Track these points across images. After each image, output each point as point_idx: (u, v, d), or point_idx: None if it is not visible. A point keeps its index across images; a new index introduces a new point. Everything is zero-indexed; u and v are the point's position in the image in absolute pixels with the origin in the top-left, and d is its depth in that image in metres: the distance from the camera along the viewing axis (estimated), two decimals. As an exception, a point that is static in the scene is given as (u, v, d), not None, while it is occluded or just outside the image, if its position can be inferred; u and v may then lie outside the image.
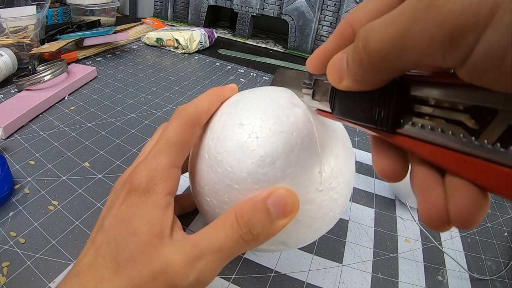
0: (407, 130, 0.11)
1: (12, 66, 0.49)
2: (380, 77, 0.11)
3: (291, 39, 0.79)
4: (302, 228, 0.20)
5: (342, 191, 0.21)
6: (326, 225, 0.22)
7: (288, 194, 0.17)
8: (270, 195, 0.17)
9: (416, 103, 0.11)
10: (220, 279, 0.25)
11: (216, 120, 0.21)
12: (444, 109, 0.10)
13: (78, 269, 0.16)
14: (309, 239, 0.22)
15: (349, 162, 0.21)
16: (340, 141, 0.21)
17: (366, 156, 0.44)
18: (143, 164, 0.17)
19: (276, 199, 0.17)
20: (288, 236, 0.20)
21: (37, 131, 0.39)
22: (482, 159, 0.09)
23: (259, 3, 0.78)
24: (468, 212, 0.10)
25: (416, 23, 0.09)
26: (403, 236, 0.32)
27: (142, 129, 0.42)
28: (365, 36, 0.11)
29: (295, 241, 0.21)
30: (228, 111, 0.21)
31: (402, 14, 0.09)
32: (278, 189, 0.17)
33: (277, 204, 0.17)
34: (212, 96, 0.21)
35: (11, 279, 0.23)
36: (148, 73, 0.57)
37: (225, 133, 0.19)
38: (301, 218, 0.19)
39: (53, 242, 0.26)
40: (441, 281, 0.28)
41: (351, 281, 0.27)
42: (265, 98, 0.20)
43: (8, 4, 0.58)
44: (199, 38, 0.70)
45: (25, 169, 0.33)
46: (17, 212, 0.28)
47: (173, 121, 0.19)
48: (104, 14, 0.78)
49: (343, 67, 0.13)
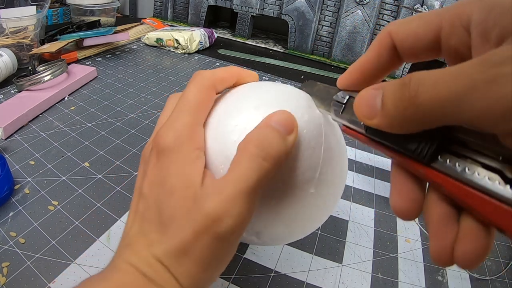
0: (443, 166, 0.12)
1: (12, 66, 0.49)
2: (419, 127, 0.11)
3: (291, 39, 0.79)
4: (280, 223, 0.20)
5: (329, 202, 0.21)
6: (301, 231, 0.22)
7: (285, 113, 0.17)
8: (270, 118, 0.17)
9: (456, 143, 0.12)
10: (220, 279, 0.25)
11: (232, 96, 0.20)
12: (484, 156, 0.11)
13: (128, 240, 0.17)
14: (280, 240, 0.22)
15: (342, 178, 0.22)
16: (341, 156, 0.21)
17: (366, 156, 0.44)
18: (166, 126, 0.18)
19: (277, 118, 0.17)
20: (265, 227, 0.20)
21: (37, 131, 0.39)
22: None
23: (259, 3, 0.78)
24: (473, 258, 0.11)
25: (474, 91, 0.09)
26: (403, 236, 0.32)
27: (142, 129, 0.42)
28: (416, 87, 0.11)
29: (269, 235, 0.20)
30: (245, 90, 0.21)
31: (459, 77, 0.10)
32: (274, 112, 0.17)
33: (281, 122, 0.17)
34: (229, 70, 0.21)
35: (11, 279, 0.23)
36: (148, 73, 0.57)
37: (238, 109, 0.19)
38: (283, 212, 0.19)
39: (53, 242, 0.26)
40: (441, 281, 0.28)
41: (351, 281, 0.27)
42: (285, 92, 0.21)
43: (8, 4, 0.58)
44: (199, 38, 0.70)
45: (25, 169, 0.33)
46: (17, 212, 0.28)
47: (190, 85, 0.19)
48: (104, 14, 0.78)
49: (376, 105, 0.12)
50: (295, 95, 0.20)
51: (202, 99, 0.19)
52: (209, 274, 0.17)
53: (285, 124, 0.17)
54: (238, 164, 0.16)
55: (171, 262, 0.16)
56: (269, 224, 0.20)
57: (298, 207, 0.19)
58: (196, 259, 0.16)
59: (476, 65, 0.09)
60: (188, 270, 0.16)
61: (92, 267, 0.24)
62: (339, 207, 0.34)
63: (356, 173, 0.40)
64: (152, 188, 0.17)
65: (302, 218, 0.20)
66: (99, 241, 0.27)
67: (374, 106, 0.12)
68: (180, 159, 0.17)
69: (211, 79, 0.19)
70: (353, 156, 0.43)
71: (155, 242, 0.16)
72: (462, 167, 0.11)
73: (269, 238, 0.21)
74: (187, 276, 0.16)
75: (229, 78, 0.21)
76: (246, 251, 0.28)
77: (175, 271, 0.16)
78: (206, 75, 0.19)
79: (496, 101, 0.09)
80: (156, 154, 0.17)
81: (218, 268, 0.17)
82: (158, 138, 0.17)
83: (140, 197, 0.18)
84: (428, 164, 0.12)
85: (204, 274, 0.17)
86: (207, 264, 0.16)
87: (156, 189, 0.17)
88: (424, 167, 0.12)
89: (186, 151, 0.17)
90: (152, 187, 0.17)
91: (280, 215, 0.19)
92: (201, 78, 0.19)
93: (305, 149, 0.19)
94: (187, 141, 0.17)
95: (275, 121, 0.17)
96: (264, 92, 0.20)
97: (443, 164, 0.12)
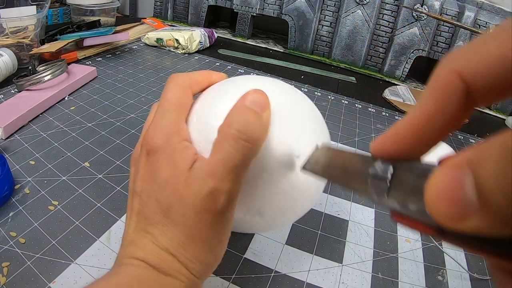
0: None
1: (12, 66, 0.49)
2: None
3: (291, 39, 0.79)
4: (277, 195, 0.20)
5: None
6: (303, 201, 0.22)
7: (257, 91, 0.18)
8: (245, 98, 0.18)
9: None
10: (220, 279, 0.25)
11: (206, 93, 0.22)
12: None
13: (130, 238, 0.18)
14: (285, 213, 0.22)
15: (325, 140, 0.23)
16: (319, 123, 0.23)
17: (366, 156, 0.44)
18: (152, 126, 0.18)
19: (251, 97, 0.18)
20: (264, 203, 0.20)
21: (37, 131, 0.39)
22: None
23: (259, 3, 0.78)
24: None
25: None
26: (403, 236, 0.32)
27: (142, 129, 0.42)
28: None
29: (271, 210, 0.21)
30: (219, 86, 0.22)
31: None
32: (247, 92, 0.18)
33: (255, 101, 0.17)
34: (202, 73, 0.22)
35: (11, 279, 0.23)
36: (148, 73, 0.57)
37: (214, 100, 0.21)
38: (280, 185, 0.20)
39: (53, 242, 0.26)
40: (441, 281, 0.28)
41: (351, 281, 0.27)
42: (263, 80, 0.23)
43: (8, 4, 0.58)
44: (199, 38, 0.70)
45: (25, 169, 0.33)
46: (17, 212, 0.28)
47: (169, 86, 0.20)
48: (104, 14, 0.78)
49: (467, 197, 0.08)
50: (271, 81, 0.23)
51: (182, 98, 0.20)
52: (214, 255, 0.18)
53: (258, 101, 0.18)
54: (222, 146, 0.17)
55: (179, 249, 0.17)
56: (267, 198, 0.20)
57: (292, 175, 0.20)
58: (201, 241, 0.17)
59: None
60: (195, 254, 0.17)
61: (92, 267, 0.24)
62: (339, 207, 0.34)
63: (356, 173, 0.40)
64: (144, 184, 0.18)
65: (298, 186, 0.20)
66: (99, 241, 0.27)
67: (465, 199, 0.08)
68: (168, 152, 0.18)
69: (187, 80, 0.21)
70: (353, 156, 0.43)
71: (159, 235, 0.17)
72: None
73: (272, 213, 0.21)
74: (195, 259, 0.17)
75: (202, 80, 0.22)
76: (246, 251, 0.28)
77: (183, 258, 0.17)
78: (183, 77, 0.21)
79: None
80: (145, 153, 0.18)
81: (221, 247, 0.18)
82: (146, 138, 0.18)
83: (134, 196, 0.18)
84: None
85: (210, 255, 0.17)
86: (211, 244, 0.17)
87: (149, 185, 0.18)
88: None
89: (174, 144, 0.18)
90: (144, 183, 0.18)
91: (275, 185, 0.20)
92: (178, 80, 0.20)
93: (282, 119, 0.20)
94: (173, 135, 0.18)
95: (250, 100, 0.17)
96: (235, 82, 0.22)
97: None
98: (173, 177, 0.17)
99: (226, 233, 0.18)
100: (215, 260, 0.18)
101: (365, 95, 0.63)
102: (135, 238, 0.17)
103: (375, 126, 0.52)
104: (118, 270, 0.17)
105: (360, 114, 0.55)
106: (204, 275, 0.18)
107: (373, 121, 0.54)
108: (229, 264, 0.26)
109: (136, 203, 0.18)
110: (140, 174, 0.18)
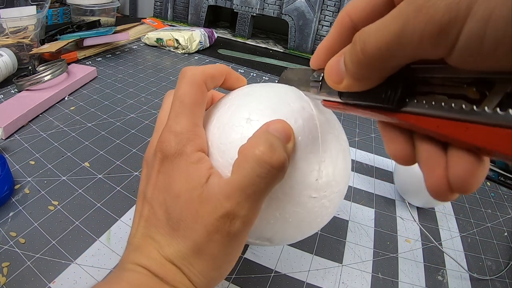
0: (412, 108, 0.12)
1: (12, 66, 0.49)
2: (378, 75, 0.12)
3: (291, 39, 0.79)
4: (289, 228, 0.20)
5: (335, 200, 0.21)
6: (313, 229, 0.22)
7: (280, 122, 0.18)
8: (268, 126, 0.17)
9: (420, 83, 0.12)
10: (220, 279, 0.25)
11: (223, 110, 0.20)
12: (446, 86, 0.11)
13: (135, 243, 0.17)
14: (293, 239, 0.22)
15: (346, 173, 0.21)
16: (341, 152, 0.21)
17: (366, 156, 0.44)
18: (167, 130, 0.18)
19: (274, 127, 0.17)
20: (275, 234, 0.20)
21: (37, 131, 0.39)
22: (483, 124, 0.10)
23: (259, 3, 0.78)
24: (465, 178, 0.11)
25: (408, 24, 0.10)
26: (403, 236, 0.32)
27: (142, 129, 0.42)
28: (362, 40, 0.12)
29: (280, 239, 0.21)
30: (237, 102, 0.20)
31: (395, 17, 0.11)
32: (270, 121, 0.18)
33: (279, 130, 0.17)
34: (218, 67, 0.21)
35: (11, 279, 0.23)
36: (148, 73, 0.57)
37: (231, 124, 0.19)
38: (291, 220, 0.19)
39: (53, 242, 0.26)
40: (441, 281, 0.28)
41: (351, 281, 0.27)
42: (276, 97, 0.20)
43: (8, 4, 0.58)
44: (199, 38, 0.70)
45: (25, 169, 0.33)
46: (17, 212, 0.28)
47: (181, 83, 0.19)
48: (104, 14, 0.78)
49: (341, 69, 0.13)
50: (286, 99, 0.20)
51: (196, 98, 0.19)
52: (220, 272, 0.18)
53: (283, 131, 0.17)
54: (243, 168, 0.16)
55: (184, 262, 0.16)
56: (279, 231, 0.20)
57: (303, 212, 0.19)
58: (209, 258, 0.17)
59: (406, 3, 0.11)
60: (201, 269, 0.17)
61: (92, 267, 0.24)
62: (339, 207, 0.34)
63: (356, 173, 0.40)
64: (156, 193, 0.17)
65: (310, 220, 0.20)
66: (99, 241, 0.27)
67: (339, 70, 0.13)
68: (182, 163, 0.17)
69: (202, 76, 0.19)
70: (353, 156, 0.43)
71: (165, 245, 0.17)
72: (429, 103, 0.12)
73: (280, 240, 0.21)
74: (200, 275, 0.17)
75: (218, 76, 0.20)
76: (246, 251, 0.28)
77: (188, 271, 0.17)
78: (197, 71, 0.19)
79: (427, 24, 0.10)
80: (159, 160, 0.18)
81: (228, 266, 0.18)
82: (160, 144, 0.18)
83: (144, 202, 0.18)
84: (398, 109, 0.13)
85: (216, 272, 0.17)
86: (218, 262, 0.17)
87: (161, 194, 0.17)
88: (396, 113, 0.13)
89: (188, 155, 0.17)
90: (156, 191, 0.18)
91: (287, 222, 0.19)
92: (191, 75, 0.19)
93: (302, 154, 0.18)
94: (188, 144, 0.17)
95: (274, 129, 0.17)
96: (257, 99, 0.20)
97: (412, 105, 0.12)
98: (186, 191, 0.17)
99: (236, 254, 0.18)
100: (221, 276, 0.18)
101: (365, 95, 0.63)
102: (141, 244, 0.17)
103: (375, 126, 0.52)
104: (121, 275, 0.16)
105: (360, 114, 0.55)
106: (208, 287, 0.18)
107: (373, 121, 0.54)
108: (229, 264, 0.26)
109: (146, 209, 0.18)
110: (153, 181, 0.18)
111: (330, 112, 0.22)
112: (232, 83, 0.22)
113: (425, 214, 0.35)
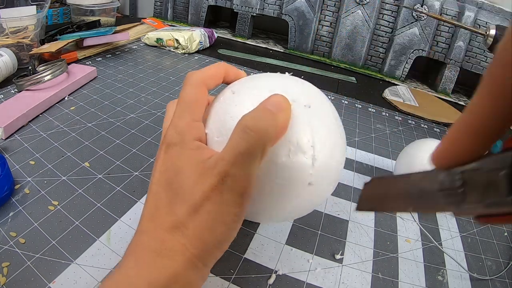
0: None
1: (12, 66, 0.49)
2: None
3: (291, 39, 0.79)
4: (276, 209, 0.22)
5: (327, 187, 0.22)
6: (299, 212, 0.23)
7: (278, 95, 0.20)
8: (266, 101, 0.19)
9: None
10: (220, 279, 0.25)
11: (226, 92, 0.23)
12: None
13: (142, 228, 0.19)
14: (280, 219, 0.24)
15: (340, 160, 0.23)
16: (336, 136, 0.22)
17: (366, 156, 0.44)
18: (171, 125, 0.21)
19: (272, 100, 0.19)
20: (263, 210, 0.22)
21: (37, 131, 0.39)
22: None
23: (259, 3, 0.78)
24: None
25: None
26: (403, 236, 0.32)
27: (142, 129, 0.42)
28: None
29: (268, 217, 0.23)
30: (238, 87, 0.23)
31: None
32: (269, 97, 0.19)
33: (273, 103, 0.19)
34: (217, 66, 0.24)
35: (11, 279, 0.23)
36: (148, 73, 0.57)
37: (235, 103, 0.21)
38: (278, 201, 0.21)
39: (53, 242, 0.26)
40: (441, 281, 0.28)
41: (351, 281, 0.27)
42: (278, 80, 0.23)
43: (8, 4, 0.58)
44: (199, 38, 0.70)
45: (25, 169, 0.33)
46: (17, 212, 0.28)
47: (185, 86, 0.22)
48: (104, 14, 0.78)
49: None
50: (288, 81, 0.22)
51: (197, 98, 0.21)
52: (215, 235, 0.18)
53: (276, 103, 0.19)
54: (232, 137, 0.18)
55: (180, 227, 0.18)
56: (266, 208, 0.22)
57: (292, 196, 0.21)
58: (203, 218, 0.18)
59: None
60: (195, 230, 0.18)
61: (92, 267, 0.24)
62: (339, 207, 0.34)
63: (356, 173, 0.40)
64: (162, 173, 0.20)
65: (299, 206, 0.22)
66: (99, 241, 0.27)
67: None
68: (183, 148, 0.19)
69: (201, 77, 0.22)
70: (353, 156, 0.43)
71: (169, 221, 0.18)
72: None
73: (268, 218, 0.23)
74: (195, 237, 0.18)
75: (217, 75, 0.23)
76: (246, 251, 0.28)
77: (181, 236, 0.18)
78: (197, 75, 0.22)
79: None
80: (164, 147, 0.20)
81: (223, 228, 0.18)
82: (165, 136, 0.21)
83: (152, 182, 0.20)
84: None
85: (211, 235, 0.18)
86: (212, 222, 0.18)
87: (166, 173, 0.19)
88: None
89: (188, 142, 0.20)
90: (162, 172, 0.20)
91: (276, 203, 0.21)
92: (193, 79, 0.22)
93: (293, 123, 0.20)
94: (188, 134, 0.20)
95: (270, 103, 0.19)
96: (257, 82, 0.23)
97: None
98: (186, 167, 0.19)
99: (230, 219, 0.18)
100: (216, 240, 0.18)
101: (365, 95, 0.63)
102: (148, 227, 0.19)
103: (375, 126, 0.52)
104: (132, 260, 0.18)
105: (360, 114, 0.55)
106: (204, 258, 0.18)
107: (373, 121, 0.54)
108: (229, 264, 0.26)
109: (154, 188, 0.20)
110: (158, 165, 0.20)
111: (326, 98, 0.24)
112: (231, 79, 0.24)
113: (425, 214, 0.35)
